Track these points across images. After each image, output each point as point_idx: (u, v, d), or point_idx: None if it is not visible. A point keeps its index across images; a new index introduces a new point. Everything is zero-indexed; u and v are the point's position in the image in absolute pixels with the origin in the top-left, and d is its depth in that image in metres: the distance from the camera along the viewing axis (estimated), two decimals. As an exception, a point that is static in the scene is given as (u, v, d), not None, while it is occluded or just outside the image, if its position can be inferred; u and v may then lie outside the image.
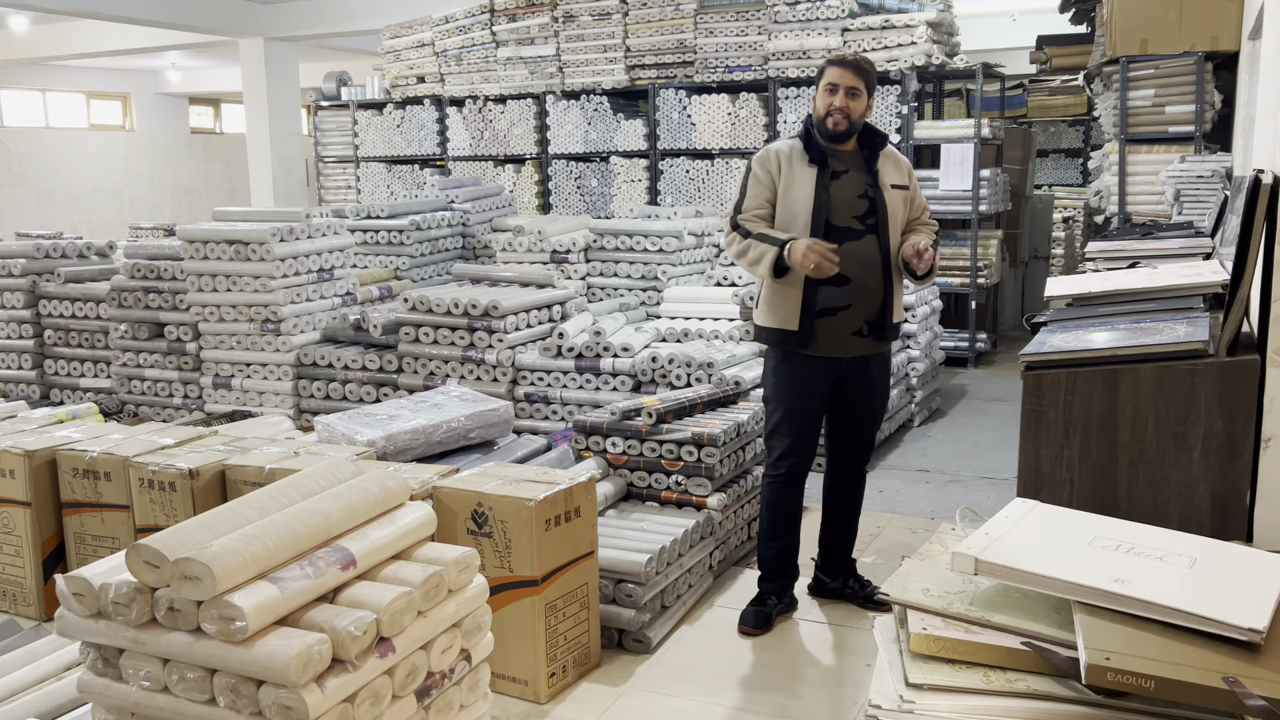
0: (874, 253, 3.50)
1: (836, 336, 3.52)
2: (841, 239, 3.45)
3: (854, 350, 3.56)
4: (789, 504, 3.68)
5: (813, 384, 3.58)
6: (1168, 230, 5.06)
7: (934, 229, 3.71)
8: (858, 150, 3.57)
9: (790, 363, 3.58)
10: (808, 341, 3.51)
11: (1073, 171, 13.20)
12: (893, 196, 3.56)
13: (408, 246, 7.47)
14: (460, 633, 2.41)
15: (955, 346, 8.17)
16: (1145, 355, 2.77)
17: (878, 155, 3.57)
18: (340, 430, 4.05)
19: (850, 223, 3.49)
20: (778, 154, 3.56)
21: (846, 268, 3.45)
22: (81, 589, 2.15)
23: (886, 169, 3.58)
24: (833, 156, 3.53)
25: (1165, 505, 2.76)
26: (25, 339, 6.56)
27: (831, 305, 3.49)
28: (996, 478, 5.46)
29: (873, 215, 3.51)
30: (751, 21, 8.51)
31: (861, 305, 3.51)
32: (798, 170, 3.52)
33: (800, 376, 3.57)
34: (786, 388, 3.60)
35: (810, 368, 3.56)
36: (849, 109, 3.47)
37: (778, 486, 3.66)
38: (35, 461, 3.71)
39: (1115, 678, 1.80)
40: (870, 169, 3.54)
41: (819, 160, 3.50)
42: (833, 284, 3.46)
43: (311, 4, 11.73)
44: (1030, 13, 12.07)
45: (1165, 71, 7.27)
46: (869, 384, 3.64)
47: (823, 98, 3.51)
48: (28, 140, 16.73)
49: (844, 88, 3.47)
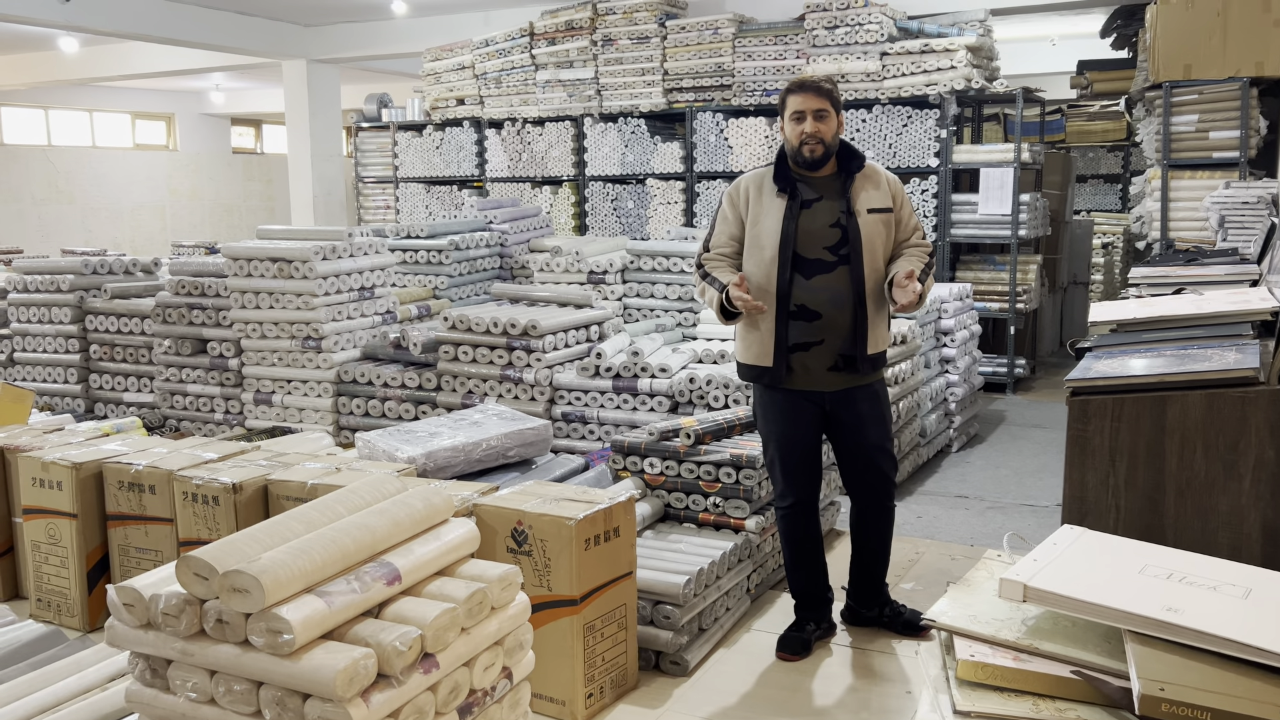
0: (845, 285, 3.38)
1: (811, 372, 3.44)
2: (811, 272, 3.38)
3: (833, 384, 3.47)
4: (804, 534, 3.63)
5: (798, 417, 3.50)
6: (1213, 256, 5.01)
7: (926, 250, 3.51)
8: (835, 174, 3.46)
9: (772, 396, 3.52)
10: (782, 377, 3.45)
11: (1112, 197, 13.10)
12: (869, 222, 3.41)
13: (446, 266, 7.54)
14: (502, 650, 2.42)
15: (994, 372, 8.10)
16: (1194, 382, 2.74)
17: (853, 179, 3.45)
18: (381, 447, 4.08)
19: (821, 254, 3.39)
20: (747, 186, 3.49)
21: (816, 302, 3.38)
22: (132, 599, 2.17)
23: (865, 192, 3.44)
24: (804, 184, 3.43)
25: (1214, 534, 2.71)
26: (71, 354, 6.67)
27: (803, 340, 3.41)
28: (1037, 505, 5.40)
29: (845, 245, 3.38)
30: (789, 45, 8.54)
31: (834, 339, 3.41)
32: (766, 201, 3.43)
33: (784, 409, 3.50)
34: (774, 421, 3.54)
35: (792, 401, 3.49)
36: (820, 133, 3.37)
37: (789, 519, 3.61)
38: (82, 474, 3.77)
39: (1170, 709, 1.77)
40: (845, 194, 3.42)
41: (788, 190, 3.41)
42: (803, 319, 3.39)
43: (354, 27, 11.91)
44: (1070, 37, 12.03)
45: (1209, 97, 7.22)
46: (859, 419, 3.51)
47: (791, 127, 3.40)
48: (74, 159, 17.07)
49: (810, 112, 3.37)
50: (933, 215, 8.01)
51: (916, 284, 3.29)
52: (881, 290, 3.46)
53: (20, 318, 6.76)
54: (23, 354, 6.79)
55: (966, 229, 8.07)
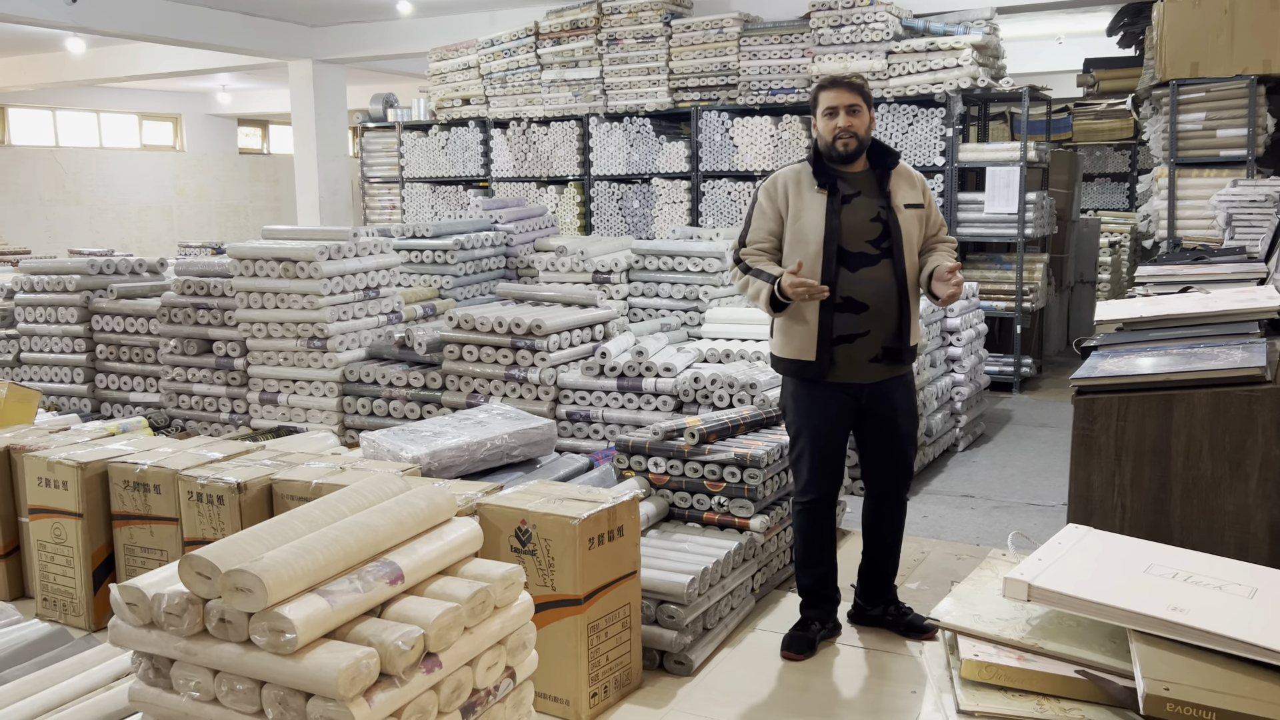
0: (889, 277, 3.43)
1: (855, 363, 3.46)
2: (856, 265, 3.40)
3: (873, 376, 3.49)
4: (821, 530, 3.63)
5: (833, 411, 3.52)
6: (1220, 255, 4.99)
7: (952, 245, 3.62)
8: (868, 170, 3.50)
9: (809, 390, 3.52)
10: (826, 370, 3.46)
11: (1119, 196, 13.06)
12: (907, 217, 3.48)
13: (452, 266, 7.54)
14: (505, 650, 2.41)
15: (1000, 371, 8.08)
16: (1200, 380, 2.72)
17: (889, 175, 3.50)
18: (385, 446, 4.08)
19: (864, 247, 3.42)
20: (785, 182, 3.50)
21: (862, 294, 3.40)
22: (135, 599, 2.17)
23: (900, 188, 3.50)
24: (842, 180, 3.46)
25: (1221, 534, 2.70)
26: (78, 353, 6.68)
27: (848, 332, 3.43)
28: (1043, 504, 5.38)
29: (887, 239, 3.43)
30: (795, 44, 8.53)
31: (879, 331, 3.44)
32: (806, 197, 3.45)
33: (820, 403, 3.51)
34: (807, 415, 3.54)
35: (830, 395, 3.50)
36: (854, 127, 3.41)
37: (808, 514, 3.61)
38: (88, 474, 3.77)
39: (1175, 709, 1.76)
40: (883, 190, 3.47)
41: (828, 185, 3.44)
42: (849, 311, 3.41)
43: (359, 27, 11.92)
44: (1077, 36, 11.99)
45: (1216, 95, 7.19)
46: (894, 408, 3.56)
47: (825, 123, 3.45)
48: (82, 160, 17.11)
49: (843, 107, 3.41)
50: (939, 214, 7.99)
51: (959, 276, 3.40)
52: (918, 283, 3.52)
53: (27, 318, 6.77)
54: (30, 354, 6.81)
55: (973, 228, 8.05)
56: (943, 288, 3.39)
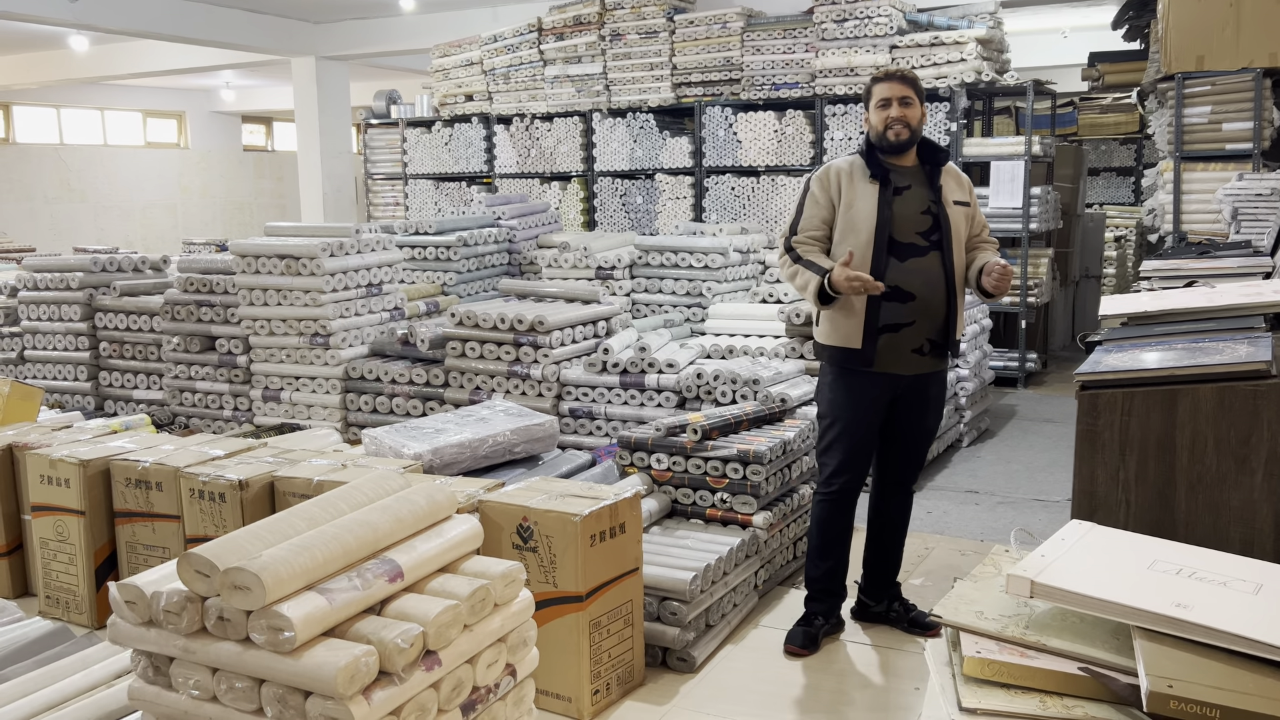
0: (938, 269, 3.47)
1: (898, 353, 3.47)
2: (905, 255, 3.44)
3: (914, 368, 3.51)
4: (840, 522, 3.63)
5: (870, 401, 3.53)
6: (1225, 249, 4.96)
7: (995, 246, 3.68)
8: (919, 165, 3.55)
9: (849, 379, 3.53)
10: (870, 359, 3.47)
11: (1124, 190, 13.02)
12: (955, 212, 3.53)
13: (455, 262, 7.53)
14: (506, 647, 2.40)
15: (1005, 366, 8.06)
16: (1205, 375, 2.70)
17: (940, 171, 3.55)
18: (387, 443, 4.07)
19: (914, 239, 3.46)
20: (838, 172, 3.53)
21: (910, 284, 3.43)
22: (134, 597, 2.17)
23: (949, 185, 3.55)
24: (894, 172, 3.50)
25: (1226, 530, 2.68)
26: (81, 351, 6.69)
27: (894, 322, 3.45)
28: (1048, 500, 5.36)
29: (937, 231, 3.48)
30: (799, 39, 8.50)
31: (925, 322, 3.47)
32: (859, 187, 3.49)
33: (858, 393, 3.53)
34: (843, 404, 3.55)
35: (869, 384, 3.51)
36: (906, 118, 3.46)
37: (830, 504, 3.61)
38: (90, 471, 3.77)
39: (1178, 706, 1.75)
40: (934, 185, 3.52)
41: (881, 176, 3.48)
42: (897, 300, 3.43)
43: (363, 24, 11.91)
44: (1082, 29, 11.94)
45: (1222, 88, 7.15)
46: (926, 402, 3.60)
47: (878, 114, 3.50)
48: (86, 157, 17.13)
49: (896, 99, 3.46)
50: (943, 209, 7.96)
51: (1010, 267, 3.45)
52: (964, 278, 3.56)
53: (31, 315, 6.78)
54: (33, 351, 6.82)
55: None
56: (989, 279, 3.45)
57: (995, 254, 3.60)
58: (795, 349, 5.61)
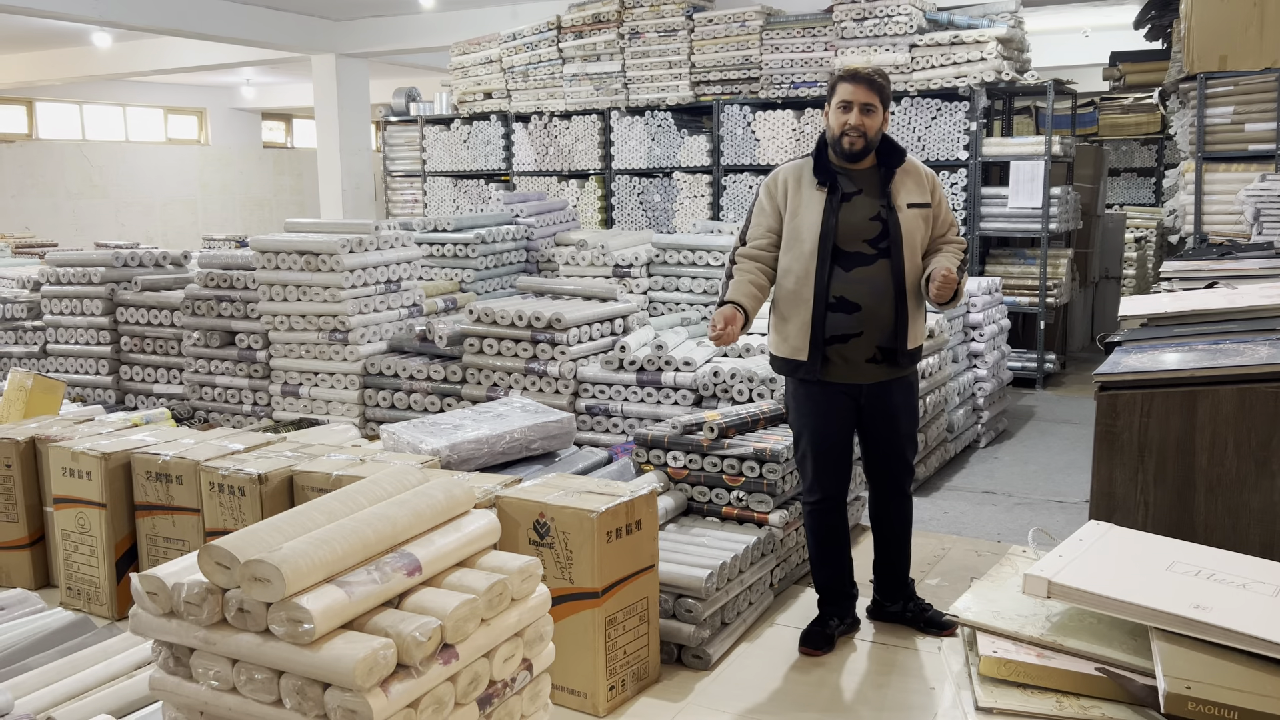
0: (885, 278, 3.38)
1: (850, 364, 3.42)
2: (851, 265, 3.37)
3: (870, 377, 3.45)
4: (832, 529, 3.62)
5: (831, 411, 3.48)
6: (1247, 250, 4.93)
7: (960, 246, 3.53)
8: (874, 168, 3.45)
9: (807, 390, 3.49)
10: (817, 371, 3.42)
11: (1145, 191, 12.93)
12: (909, 217, 3.41)
13: (473, 259, 7.55)
14: (522, 642, 2.42)
15: (1023, 367, 8.02)
16: (1225, 377, 2.69)
17: (894, 173, 3.44)
18: (405, 439, 4.09)
19: (860, 247, 3.38)
20: (785, 178, 3.47)
21: (856, 294, 3.36)
22: (155, 588, 2.19)
23: (905, 187, 3.44)
24: (844, 177, 3.42)
25: (1245, 532, 2.67)
26: (103, 345, 6.74)
27: (841, 333, 3.39)
28: (1066, 501, 5.34)
29: (885, 239, 3.38)
30: (818, 38, 8.48)
31: (873, 331, 3.39)
32: (805, 193, 3.42)
33: (818, 403, 3.48)
34: (807, 415, 3.52)
35: (827, 394, 3.47)
36: (864, 126, 3.35)
37: (817, 514, 3.60)
38: (111, 464, 3.80)
39: (1196, 708, 1.74)
40: (885, 189, 3.42)
41: (829, 183, 3.40)
42: (842, 311, 3.37)
43: (382, 21, 11.95)
44: (1103, 29, 11.86)
45: (1245, 88, 7.10)
46: (893, 410, 3.52)
47: (836, 115, 3.39)
48: (108, 154, 17.26)
49: (858, 104, 3.35)
50: (962, 208, 7.94)
51: (955, 277, 3.32)
52: (919, 284, 3.45)
53: (53, 310, 6.84)
54: (55, 345, 6.88)
55: (996, 222, 7.99)
56: (932, 287, 3.34)
57: (955, 257, 3.46)
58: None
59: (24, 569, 4.15)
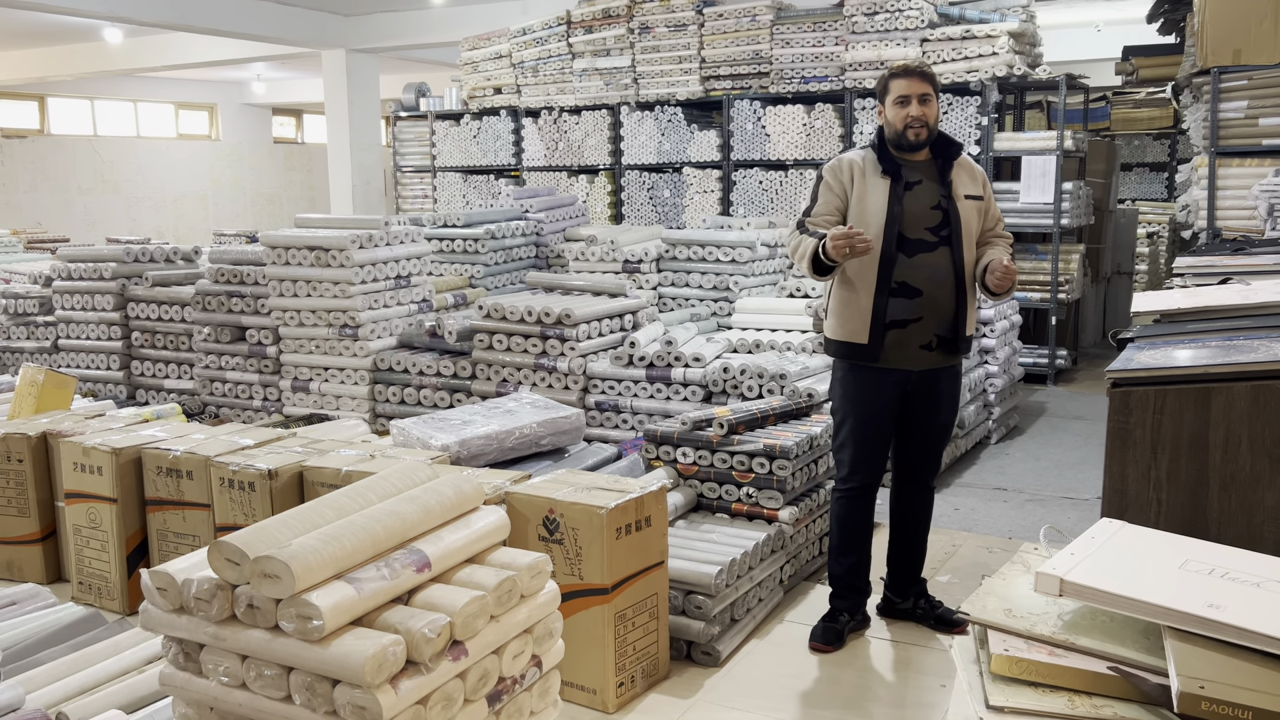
0: (946, 265, 3.45)
1: (905, 349, 3.47)
2: (914, 251, 3.43)
3: (923, 364, 3.50)
4: (860, 518, 3.63)
5: (880, 397, 3.52)
6: (1261, 246, 4.90)
7: (1008, 241, 3.65)
8: (931, 160, 3.53)
9: (858, 375, 3.53)
10: (876, 354, 3.46)
11: (1158, 186, 12.85)
12: (966, 207, 3.51)
13: (483, 255, 7.55)
14: (532, 639, 2.41)
15: (1035, 363, 7.99)
16: (1240, 373, 2.67)
17: (952, 165, 3.53)
18: (415, 434, 4.09)
19: (923, 234, 3.45)
20: (851, 164, 3.53)
21: (918, 279, 3.42)
22: (165, 584, 2.19)
23: (961, 179, 3.53)
24: (906, 167, 3.49)
25: (1260, 530, 2.65)
26: (114, 340, 6.76)
27: (901, 318, 3.44)
28: (1077, 498, 5.32)
29: (946, 227, 3.46)
30: (828, 32, 8.45)
31: (932, 318, 3.46)
32: (870, 181, 3.49)
33: (868, 389, 3.52)
34: (854, 400, 3.55)
35: (878, 380, 3.51)
36: (925, 116, 3.45)
37: (848, 501, 3.62)
38: (122, 459, 3.81)
39: (1210, 707, 1.73)
40: (944, 179, 3.50)
41: (892, 172, 3.47)
42: (904, 296, 3.42)
43: (392, 16, 11.96)
44: (1116, 23, 11.81)
45: (1259, 83, 7.05)
46: (938, 398, 3.58)
47: (895, 111, 3.47)
48: (119, 149, 17.32)
49: (915, 96, 3.44)
50: (973, 204, 7.90)
51: (1015, 268, 3.43)
52: (975, 274, 3.53)
53: (64, 305, 6.86)
54: (67, 340, 6.90)
55: (1008, 217, 7.94)
56: (992, 277, 3.43)
57: (1006, 250, 3.57)
58: (822, 344, 5.59)
59: (35, 564, 4.17)
